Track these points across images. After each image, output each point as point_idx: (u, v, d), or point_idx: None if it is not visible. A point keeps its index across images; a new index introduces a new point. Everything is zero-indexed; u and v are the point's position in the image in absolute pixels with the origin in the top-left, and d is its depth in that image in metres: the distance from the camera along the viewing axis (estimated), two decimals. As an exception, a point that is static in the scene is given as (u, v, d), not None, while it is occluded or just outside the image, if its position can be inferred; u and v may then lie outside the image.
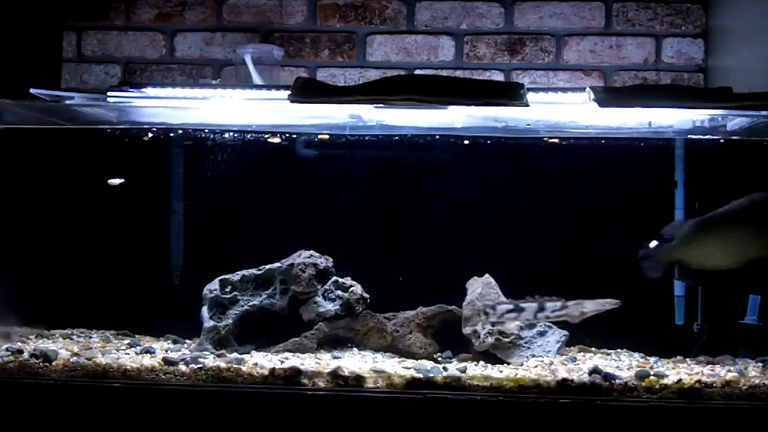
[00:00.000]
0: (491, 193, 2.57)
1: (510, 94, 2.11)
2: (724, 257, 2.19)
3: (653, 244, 2.29)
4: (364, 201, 2.60)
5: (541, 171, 2.54)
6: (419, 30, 2.88)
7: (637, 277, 2.47)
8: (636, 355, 2.41)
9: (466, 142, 2.44)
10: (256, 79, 2.55)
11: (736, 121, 2.22)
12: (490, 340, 2.26)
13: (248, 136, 2.50)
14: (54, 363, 2.08)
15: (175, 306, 2.57)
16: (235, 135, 2.52)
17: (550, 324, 2.33)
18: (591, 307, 2.12)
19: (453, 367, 2.12)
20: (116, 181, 2.47)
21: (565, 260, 2.52)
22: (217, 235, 2.62)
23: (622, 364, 2.24)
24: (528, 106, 2.11)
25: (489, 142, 2.41)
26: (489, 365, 2.20)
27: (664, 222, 2.48)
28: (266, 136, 2.49)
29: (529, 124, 2.30)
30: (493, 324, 2.24)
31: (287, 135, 2.51)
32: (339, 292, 2.39)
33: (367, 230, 2.60)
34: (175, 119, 2.45)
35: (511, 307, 2.14)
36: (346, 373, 2.03)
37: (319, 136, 2.53)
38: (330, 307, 2.38)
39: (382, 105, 2.13)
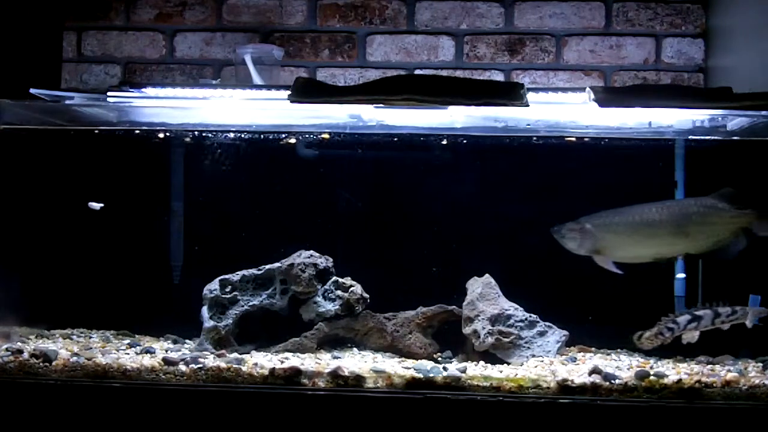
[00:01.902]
0: (491, 193, 2.57)
1: (510, 94, 2.11)
2: (640, 250, 2.29)
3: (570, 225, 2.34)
4: (364, 201, 2.60)
5: (541, 171, 2.54)
6: (419, 30, 2.88)
7: (637, 278, 2.47)
8: (636, 355, 2.41)
9: (466, 142, 2.44)
10: (256, 79, 2.55)
11: (736, 121, 2.23)
12: (490, 340, 2.26)
13: (248, 136, 2.50)
14: (54, 363, 2.08)
15: (175, 306, 2.57)
16: (235, 135, 2.52)
17: (550, 324, 2.33)
18: (760, 309, 2.18)
19: (453, 367, 2.12)
20: (96, 205, 2.47)
21: (565, 260, 2.51)
22: (217, 235, 2.62)
23: (622, 364, 2.24)
24: (528, 106, 2.11)
25: (489, 142, 2.40)
26: (489, 365, 2.20)
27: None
28: (266, 136, 2.49)
29: (529, 124, 2.30)
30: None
31: (287, 135, 2.51)
32: (339, 292, 2.39)
33: (367, 230, 2.60)
34: (175, 119, 2.45)
35: (690, 317, 2.17)
36: (346, 373, 2.03)
37: (319, 136, 2.53)
38: (330, 307, 2.38)
39: (382, 105, 2.13)
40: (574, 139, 2.36)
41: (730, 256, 2.27)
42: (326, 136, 2.49)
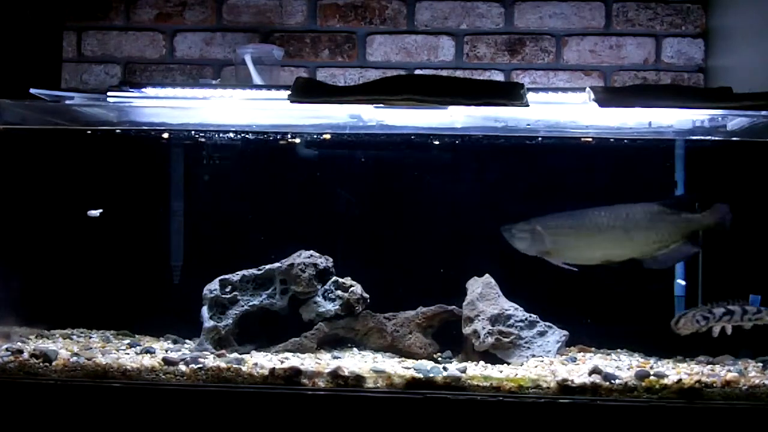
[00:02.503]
0: (491, 193, 2.57)
1: (510, 94, 2.11)
2: (588, 253, 2.36)
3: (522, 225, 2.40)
4: (364, 201, 2.60)
5: (540, 171, 2.54)
6: (419, 30, 2.88)
7: (637, 278, 2.48)
8: (636, 355, 2.41)
9: (467, 141, 2.44)
10: (256, 79, 2.55)
11: (736, 121, 2.22)
12: (490, 340, 2.26)
13: (248, 136, 2.50)
14: (54, 363, 2.08)
15: (175, 306, 2.57)
16: (235, 135, 2.52)
17: (550, 324, 2.33)
18: None
19: (453, 367, 2.12)
20: (95, 213, 2.47)
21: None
22: (217, 235, 2.62)
23: (622, 364, 2.24)
24: (528, 106, 2.11)
25: (489, 142, 2.40)
26: (489, 365, 2.20)
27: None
28: (266, 136, 2.49)
29: (529, 124, 2.30)
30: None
31: (287, 135, 2.51)
32: (339, 292, 2.39)
33: (367, 230, 2.60)
34: (175, 119, 2.45)
35: (724, 310, 2.18)
36: (346, 373, 2.03)
37: (320, 136, 2.53)
38: (330, 307, 2.38)
39: (382, 105, 2.13)
40: (574, 139, 2.36)
41: (676, 261, 2.39)
42: (327, 136, 2.49)
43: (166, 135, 2.51)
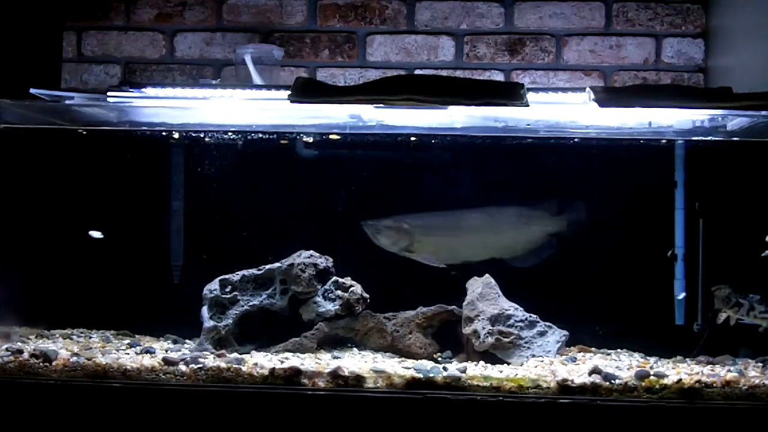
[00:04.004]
0: (491, 193, 2.57)
1: (510, 94, 2.11)
2: (452, 253, 2.47)
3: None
4: (364, 201, 2.60)
5: (540, 171, 2.54)
6: (419, 30, 2.88)
7: (638, 278, 2.48)
8: (636, 355, 2.41)
9: (467, 141, 2.44)
10: (256, 79, 2.55)
11: (736, 121, 2.22)
12: (490, 340, 2.26)
13: (248, 136, 2.50)
14: (54, 363, 2.08)
15: (175, 306, 2.56)
16: (235, 135, 2.52)
17: (550, 324, 2.33)
18: None
19: (453, 367, 2.12)
20: (97, 234, 2.51)
21: (565, 260, 2.52)
22: (217, 235, 2.62)
23: (622, 364, 2.24)
24: (528, 106, 2.11)
25: (489, 142, 2.40)
26: (489, 365, 2.20)
27: (664, 222, 2.50)
28: (266, 136, 2.49)
29: (529, 124, 2.30)
30: None
31: (287, 135, 2.51)
32: (339, 292, 2.39)
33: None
34: (175, 119, 2.45)
35: (759, 298, 2.21)
36: (346, 373, 2.03)
37: (320, 136, 2.53)
38: (330, 307, 2.38)
39: (382, 105, 2.13)
40: (574, 138, 2.36)
41: (539, 260, 2.47)
42: (334, 136, 2.49)
43: (166, 135, 2.51)
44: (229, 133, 2.52)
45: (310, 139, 2.54)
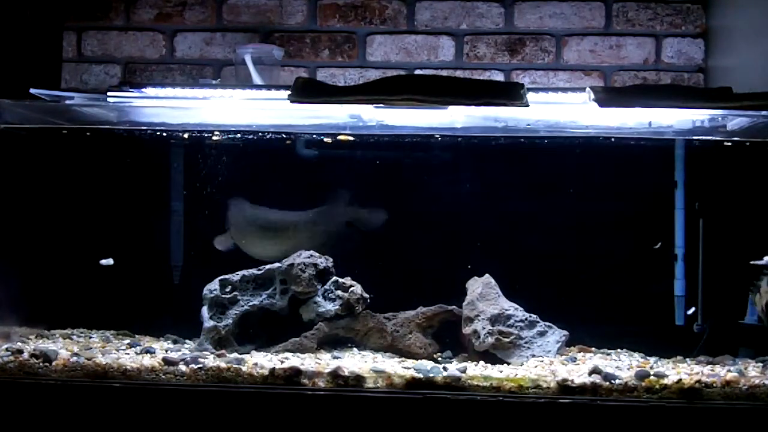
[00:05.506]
0: (491, 193, 2.57)
1: (510, 94, 2.11)
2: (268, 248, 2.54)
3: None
4: (363, 201, 2.60)
5: (540, 171, 2.54)
6: (419, 30, 2.88)
7: (638, 277, 2.48)
8: (636, 355, 2.41)
9: (467, 141, 2.44)
10: (256, 79, 2.55)
11: (736, 121, 2.22)
12: (490, 340, 2.26)
13: (248, 136, 2.50)
14: (54, 363, 2.08)
15: (175, 306, 2.57)
16: (235, 135, 2.52)
17: (550, 324, 2.33)
18: None
19: (453, 367, 2.12)
20: (108, 262, 2.54)
21: (565, 260, 2.52)
22: (218, 235, 2.62)
23: (622, 364, 2.24)
24: (528, 106, 2.11)
25: (489, 142, 2.40)
26: (489, 365, 2.20)
27: (665, 222, 2.50)
28: (266, 136, 2.49)
29: (529, 124, 2.30)
30: None
31: (287, 135, 2.51)
32: (339, 292, 2.39)
33: (366, 230, 2.60)
34: (175, 119, 2.45)
35: None
36: (346, 373, 2.03)
37: (319, 137, 2.53)
38: (330, 307, 2.38)
39: (382, 105, 2.13)
40: (574, 138, 2.36)
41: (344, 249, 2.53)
42: (342, 138, 2.49)
43: (166, 135, 2.51)
44: (229, 134, 2.52)
45: (310, 139, 2.55)
